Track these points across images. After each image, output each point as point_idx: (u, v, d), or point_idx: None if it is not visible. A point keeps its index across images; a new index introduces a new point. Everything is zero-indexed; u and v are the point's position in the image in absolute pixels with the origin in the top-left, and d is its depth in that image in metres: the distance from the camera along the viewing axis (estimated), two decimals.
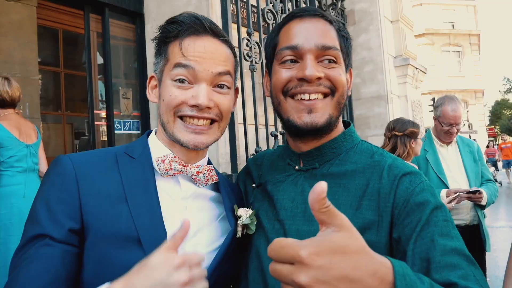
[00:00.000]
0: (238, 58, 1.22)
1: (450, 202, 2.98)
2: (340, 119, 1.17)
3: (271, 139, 2.81)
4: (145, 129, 3.52)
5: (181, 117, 1.05)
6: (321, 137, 1.12)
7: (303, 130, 1.08)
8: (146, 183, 1.02)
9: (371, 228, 0.98)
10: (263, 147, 2.73)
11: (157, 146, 1.11)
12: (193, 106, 1.03)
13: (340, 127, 1.17)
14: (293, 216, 1.07)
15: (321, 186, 0.60)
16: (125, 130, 3.55)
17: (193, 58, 1.03)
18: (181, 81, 1.03)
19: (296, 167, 1.15)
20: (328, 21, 1.11)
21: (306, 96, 1.07)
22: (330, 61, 1.07)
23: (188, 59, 1.03)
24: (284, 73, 1.10)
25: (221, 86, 1.08)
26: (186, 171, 1.07)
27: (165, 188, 1.06)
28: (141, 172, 1.03)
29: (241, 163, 2.55)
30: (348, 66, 1.16)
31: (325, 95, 1.08)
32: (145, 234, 0.92)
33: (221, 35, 1.09)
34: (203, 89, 1.03)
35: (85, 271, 0.92)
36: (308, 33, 1.08)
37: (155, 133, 1.16)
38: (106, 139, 3.62)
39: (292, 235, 1.04)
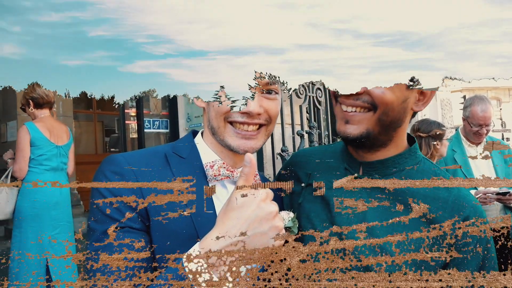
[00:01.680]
0: None
1: None
2: (402, 134, 1.16)
3: (297, 138, 2.83)
4: (174, 128, 3.61)
5: (231, 123, 1.07)
6: (372, 149, 1.14)
7: (340, 137, 1.13)
8: (199, 184, 1.04)
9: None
10: (289, 146, 2.76)
11: (205, 150, 1.13)
12: (244, 113, 1.05)
13: (402, 143, 1.17)
14: (349, 224, 1.08)
15: None
16: (154, 128, 3.66)
17: None
18: None
19: (356, 175, 1.16)
20: None
21: (344, 107, 1.10)
22: None
23: None
24: None
25: (269, 92, 1.09)
26: (232, 176, 1.10)
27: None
28: (192, 173, 1.06)
29: (267, 161, 2.59)
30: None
31: (368, 110, 1.08)
32: (204, 233, 0.92)
33: None
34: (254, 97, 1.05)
35: None
36: None
37: (201, 135, 1.18)
38: (136, 136, 3.72)
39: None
